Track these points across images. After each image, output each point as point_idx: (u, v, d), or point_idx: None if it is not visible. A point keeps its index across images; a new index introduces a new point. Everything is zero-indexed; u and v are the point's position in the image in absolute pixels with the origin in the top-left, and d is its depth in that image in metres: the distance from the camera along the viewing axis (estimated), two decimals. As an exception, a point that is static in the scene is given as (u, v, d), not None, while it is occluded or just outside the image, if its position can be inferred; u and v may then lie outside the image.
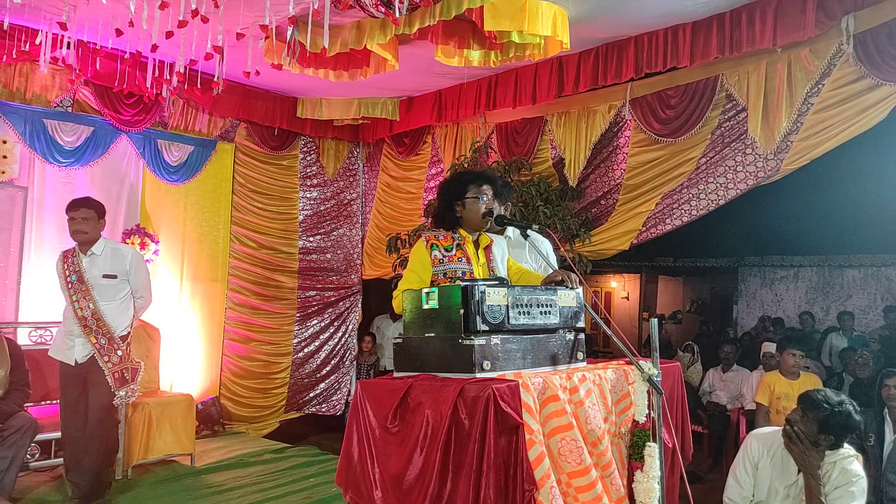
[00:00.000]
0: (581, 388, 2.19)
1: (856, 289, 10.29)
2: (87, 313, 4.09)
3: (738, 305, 11.76)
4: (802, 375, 4.79)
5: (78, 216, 4.10)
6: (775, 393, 4.73)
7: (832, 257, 10.47)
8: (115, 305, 4.20)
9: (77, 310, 4.09)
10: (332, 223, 7.10)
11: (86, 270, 4.14)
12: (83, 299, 4.10)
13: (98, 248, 4.20)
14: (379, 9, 3.78)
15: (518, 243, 3.45)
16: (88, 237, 4.14)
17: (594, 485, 2.08)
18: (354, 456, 2.22)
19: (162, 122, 5.83)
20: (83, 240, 4.15)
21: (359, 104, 6.25)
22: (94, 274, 4.15)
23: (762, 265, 11.38)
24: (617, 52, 4.80)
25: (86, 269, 4.14)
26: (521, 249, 3.49)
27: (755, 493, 3.00)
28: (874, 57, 3.86)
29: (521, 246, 3.47)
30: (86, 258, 4.17)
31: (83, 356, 4.10)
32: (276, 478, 5.04)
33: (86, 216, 4.11)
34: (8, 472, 3.93)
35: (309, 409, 6.94)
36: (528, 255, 3.50)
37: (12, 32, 4.42)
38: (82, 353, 4.09)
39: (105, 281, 4.16)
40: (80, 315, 4.08)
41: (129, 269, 4.27)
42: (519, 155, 5.66)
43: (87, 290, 4.11)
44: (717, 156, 4.62)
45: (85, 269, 4.14)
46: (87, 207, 4.13)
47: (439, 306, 2.22)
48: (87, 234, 4.12)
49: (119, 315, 4.22)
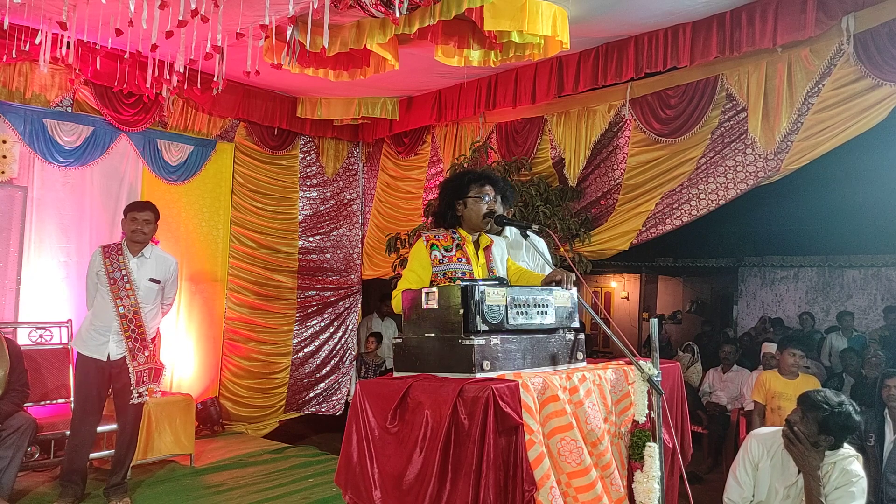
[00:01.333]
0: (581, 389, 2.18)
1: (856, 289, 10.29)
2: (129, 312, 4.15)
3: (738, 305, 11.77)
4: (800, 376, 4.78)
5: (141, 217, 4.20)
6: (771, 392, 4.73)
7: (832, 257, 10.48)
8: (151, 308, 4.30)
9: (119, 307, 4.14)
10: (332, 223, 7.09)
11: (133, 271, 4.20)
12: (126, 298, 4.16)
13: (148, 252, 4.29)
14: (379, 8, 3.77)
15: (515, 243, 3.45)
16: (146, 238, 4.23)
17: (594, 485, 2.08)
18: (354, 456, 2.22)
19: (161, 121, 5.82)
20: (142, 240, 4.23)
21: (358, 104, 6.24)
22: (141, 276, 4.23)
23: (762, 265, 11.38)
24: (617, 51, 4.80)
25: (133, 269, 4.21)
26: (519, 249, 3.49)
27: (755, 494, 2.99)
28: (874, 57, 3.86)
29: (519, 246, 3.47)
30: (135, 259, 4.24)
31: (118, 354, 4.13)
32: (276, 478, 5.03)
33: (148, 219, 4.21)
34: (7, 472, 3.92)
35: (308, 410, 6.93)
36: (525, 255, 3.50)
37: (12, 32, 4.42)
38: (117, 350, 4.13)
39: (150, 284, 4.26)
40: (121, 313, 4.13)
41: (170, 278, 4.39)
42: (519, 155, 5.66)
43: (132, 291, 4.17)
44: (717, 156, 4.62)
45: (133, 270, 4.20)
46: (151, 211, 4.24)
47: (439, 306, 2.22)
48: (146, 235, 4.22)
49: (153, 318, 4.34)
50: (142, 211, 4.22)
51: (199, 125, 6.10)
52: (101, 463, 4.89)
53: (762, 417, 4.74)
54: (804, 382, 4.68)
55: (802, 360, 4.81)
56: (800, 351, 4.80)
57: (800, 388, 4.57)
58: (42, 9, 4.13)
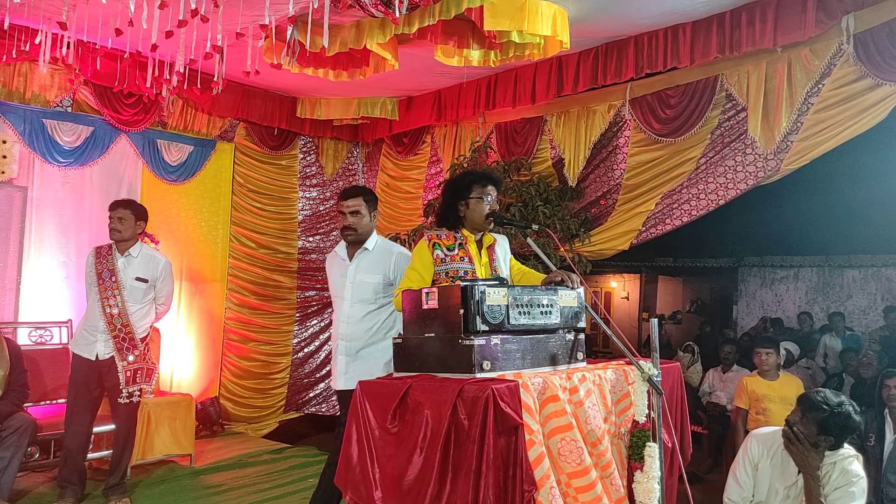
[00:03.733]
0: (581, 389, 2.18)
1: (856, 289, 10.29)
2: (114, 311, 4.14)
3: (737, 306, 11.77)
4: (781, 376, 4.67)
5: (115, 215, 4.19)
6: (755, 395, 4.61)
7: (832, 257, 10.48)
8: (140, 308, 4.27)
9: (105, 307, 4.13)
10: (332, 223, 7.09)
11: (120, 270, 4.20)
12: (112, 297, 4.15)
13: (135, 251, 4.28)
14: (378, 8, 3.77)
15: None
16: (123, 236, 4.20)
17: (594, 485, 2.08)
18: (354, 456, 2.22)
19: (161, 121, 5.82)
20: (118, 238, 4.21)
21: (358, 104, 6.24)
22: (128, 275, 4.22)
23: (762, 265, 11.38)
24: (617, 51, 4.80)
25: (120, 269, 4.21)
26: None
27: (755, 494, 2.99)
28: (874, 56, 3.86)
29: None
30: (122, 258, 4.24)
31: (105, 353, 4.13)
32: (275, 478, 5.03)
33: (122, 216, 4.18)
34: (6, 473, 3.92)
35: (308, 410, 6.93)
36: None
37: (12, 32, 4.41)
38: (105, 350, 4.13)
39: (137, 283, 4.24)
40: (107, 312, 4.13)
41: (159, 277, 4.37)
42: (518, 155, 5.66)
43: (118, 290, 4.17)
44: (717, 156, 4.62)
45: (119, 269, 4.20)
46: (123, 208, 4.22)
47: (439, 306, 2.22)
48: (121, 233, 4.19)
49: (142, 318, 4.30)
50: (115, 209, 4.20)
51: (199, 125, 6.10)
52: (99, 463, 4.89)
53: (745, 423, 4.63)
54: (786, 383, 4.61)
55: (769, 357, 4.63)
56: (766, 349, 4.65)
57: (782, 389, 4.56)
58: (42, 9, 4.13)
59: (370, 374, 3.01)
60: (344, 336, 3.40)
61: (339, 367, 3.41)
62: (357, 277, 3.41)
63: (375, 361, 3.35)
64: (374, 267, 3.41)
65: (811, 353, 7.57)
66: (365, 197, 3.46)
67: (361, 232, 3.43)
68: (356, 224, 3.40)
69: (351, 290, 3.42)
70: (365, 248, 3.46)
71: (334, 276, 3.56)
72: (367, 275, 3.40)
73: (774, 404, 4.50)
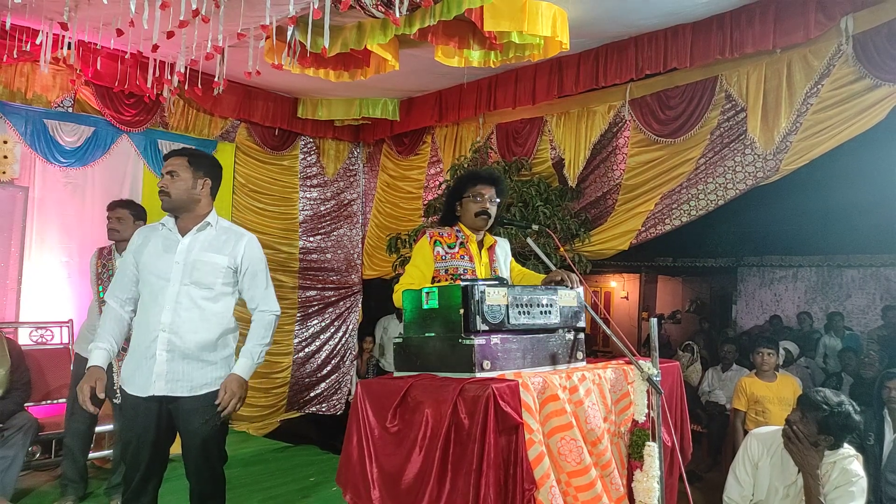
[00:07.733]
0: (581, 388, 2.19)
1: (855, 289, 10.29)
2: None
3: (737, 305, 11.78)
4: (779, 377, 4.67)
5: (113, 216, 4.19)
6: (753, 397, 4.61)
7: (831, 257, 10.48)
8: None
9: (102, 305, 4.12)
10: (333, 223, 7.10)
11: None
12: None
13: None
14: (379, 9, 3.78)
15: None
16: (121, 236, 4.19)
17: (594, 484, 2.09)
18: (354, 455, 2.23)
19: (163, 122, 5.83)
20: (117, 238, 4.21)
21: (359, 104, 6.25)
22: None
23: (761, 265, 11.39)
24: (616, 52, 4.81)
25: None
26: None
27: (755, 493, 3.00)
28: (873, 57, 3.87)
29: None
30: (120, 258, 4.22)
31: None
32: (277, 477, 5.04)
33: (120, 216, 4.18)
34: (8, 472, 3.93)
35: (309, 409, 6.94)
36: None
37: (13, 32, 4.43)
38: None
39: None
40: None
41: None
42: (518, 155, 5.67)
43: None
44: (717, 156, 4.63)
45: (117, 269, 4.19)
46: (122, 208, 4.21)
47: (439, 306, 2.23)
48: (119, 233, 4.18)
49: None
50: (113, 209, 4.21)
51: (200, 125, 6.11)
52: (101, 462, 4.90)
53: (744, 424, 4.63)
54: (783, 383, 4.61)
55: (771, 357, 4.64)
56: (767, 349, 4.66)
57: (780, 390, 4.57)
58: (43, 9, 4.14)
59: (201, 385, 2.75)
60: (167, 327, 2.77)
61: (157, 367, 2.77)
62: (192, 256, 2.80)
63: (213, 368, 2.93)
64: (216, 247, 2.86)
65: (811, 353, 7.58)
66: (192, 160, 2.85)
67: (175, 198, 2.81)
68: (168, 186, 2.80)
69: (181, 270, 2.79)
70: (207, 222, 2.88)
71: (150, 251, 2.84)
72: (208, 253, 2.83)
73: (773, 405, 4.50)
